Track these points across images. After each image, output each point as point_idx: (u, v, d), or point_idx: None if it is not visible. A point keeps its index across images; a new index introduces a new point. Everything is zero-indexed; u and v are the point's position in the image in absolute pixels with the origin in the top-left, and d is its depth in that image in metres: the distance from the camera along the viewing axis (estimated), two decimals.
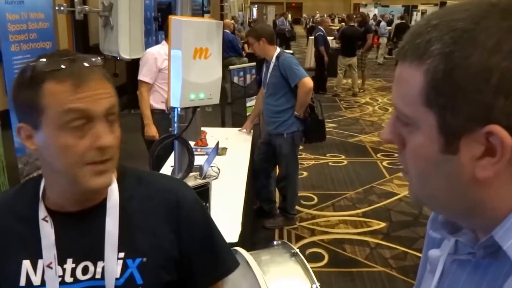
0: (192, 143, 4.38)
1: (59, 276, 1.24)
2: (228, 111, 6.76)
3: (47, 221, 1.24)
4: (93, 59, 1.19)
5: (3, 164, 4.38)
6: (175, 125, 2.31)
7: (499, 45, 0.67)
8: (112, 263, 1.25)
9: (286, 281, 2.37)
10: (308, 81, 4.77)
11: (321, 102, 5.30)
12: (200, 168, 3.58)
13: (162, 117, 4.56)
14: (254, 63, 6.68)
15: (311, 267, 2.34)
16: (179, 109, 2.24)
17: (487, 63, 0.67)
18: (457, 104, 0.69)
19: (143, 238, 1.30)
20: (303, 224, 5.35)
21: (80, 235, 1.26)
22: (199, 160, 3.82)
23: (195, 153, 4.21)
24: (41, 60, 1.16)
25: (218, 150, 4.35)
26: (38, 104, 1.13)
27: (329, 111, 11.04)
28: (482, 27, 0.68)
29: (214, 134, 4.86)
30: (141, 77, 4.88)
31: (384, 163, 7.40)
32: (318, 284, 2.29)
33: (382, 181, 6.65)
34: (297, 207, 5.52)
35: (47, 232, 1.24)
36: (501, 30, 0.68)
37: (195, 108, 2.25)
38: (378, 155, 7.89)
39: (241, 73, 6.49)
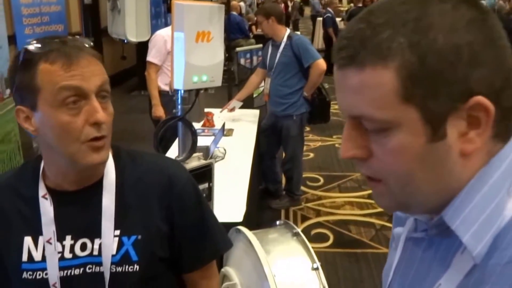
0: (199, 125, 4.44)
1: (59, 252, 1.29)
2: (235, 92, 6.76)
3: (46, 199, 1.29)
4: (83, 40, 1.24)
5: (18, 144, 4.46)
6: (179, 107, 2.35)
7: (454, 23, 0.70)
8: (109, 240, 1.29)
9: (287, 260, 2.41)
10: (322, 63, 4.78)
11: (329, 84, 5.32)
12: (206, 149, 3.61)
13: (169, 98, 4.61)
14: (260, 45, 6.69)
15: (316, 248, 2.37)
16: (182, 91, 2.27)
17: (454, 41, 0.69)
18: (437, 89, 0.70)
19: (138, 216, 1.34)
20: (309, 205, 5.40)
21: (78, 213, 1.31)
22: (205, 141, 3.86)
23: (202, 134, 4.27)
24: (33, 43, 1.20)
25: (225, 131, 4.40)
26: (34, 85, 1.18)
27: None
28: (431, 12, 0.70)
29: (221, 115, 4.90)
30: (149, 58, 4.91)
31: None
32: (319, 263, 2.33)
33: None
34: (303, 188, 5.57)
35: (46, 209, 1.29)
36: (448, 11, 0.70)
37: (198, 90, 2.28)
38: None
39: (248, 55, 6.51)
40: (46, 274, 1.29)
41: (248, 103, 5.56)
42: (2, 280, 1.34)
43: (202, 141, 3.87)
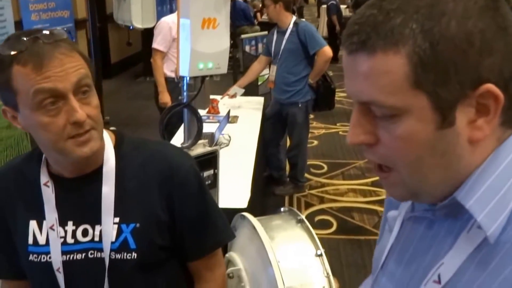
0: (204, 111, 4.45)
1: (61, 237, 1.31)
2: (239, 80, 6.79)
3: (48, 186, 1.32)
4: (56, 34, 1.19)
5: None
6: (184, 93, 2.36)
7: (467, 10, 0.70)
8: (108, 227, 1.31)
9: (292, 246, 2.42)
10: (329, 50, 4.78)
11: (333, 71, 5.31)
12: (211, 136, 3.63)
13: (175, 85, 4.62)
14: (266, 32, 6.67)
15: (320, 234, 2.38)
16: (188, 78, 2.28)
17: (466, 29, 0.69)
18: (448, 76, 0.70)
19: (137, 204, 1.34)
20: (313, 191, 5.43)
21: (79, 199, 1.33)
22: (211, 128, 3.88)
23: (207, 121, 4.28)
24: (5, 43, 1.18)
25: (230, 118, 4.41)
26: (11, 87, 1.16)
27: (341, 80, 10.86)
28: None
29: (226, 103, 4.92)
30: (155, 45, 4.92)
31: None
32: (322, 250, 2.35)
33: None
34: (306, 175, 5.60)
35: (48, 197, 1.32)
36: None
37: (203, 77, 2.29)
38: None
39: (253, 42, 6.50)
40: (50, 257, 1.32)
41: (252, 91, 5.57)
42: (16, 259, 1.38)
43: (207, 128, 3.89)
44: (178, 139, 3.47)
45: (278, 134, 5.32)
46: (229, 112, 4.32)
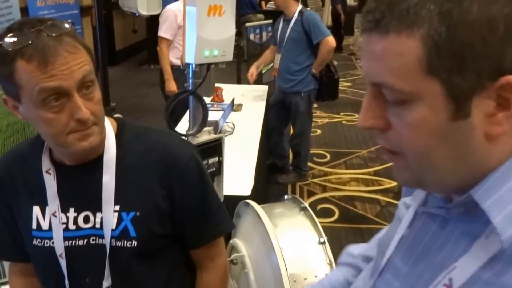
0: (208, 99, 4.47)
1: (63, 223, 1.33)
2: (244, 68, 6.77)
3: (50, 174, 1.33)
4: (60, 26, 1.16)
5: None
6: (190, 81, 2.36)
7: None
8: (109, 214, 1.32)
9: (295, 234, 2.44)
10: (332, 40, 4.78)
11: (337, 61, 5.30)
12: (215, 123, 3.64)
13: (181, 72, 4.63)
14: (270, 21, 6.67)
15: (322, 222, 2.39)
16: (193, 66, 2.29)
17: (489, 13, 0.63)
18: (465, 63, 0.65)
19: (137, 192, 1.35)
20: (315, 180, 5.45)
21: (80, 186, 1.34)
22: (215, 116, 3.89)
23: (211, 109, 4.30)
24: (8, 35, 1.14)
25: (234, 106, 4.42)
26: (14, 80, 1.15)
27: (345, 69, 10.98)
28: None
29: (230, 91, 4.93)
30: (161, 33, 4.92)
31: None
32: (325, 238, 2.37)
33: None
34: (309, 164, 5.62)
35: (50, 184, 1.33)
36: None
37: (209, 64, 2.29)
38: None
39: (257, 30, 6.50)
40: (53, 243, 1.34)
41: (257, 79, 5.57)
42: (22, 242, 1.40)
43: (211, 115, 3.89)
44: (183, 127, 3.49)
45: (281, 122, 5.33)
46: (233, 100, 4.32)
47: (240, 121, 4.09)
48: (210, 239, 1.52)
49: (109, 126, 1.36)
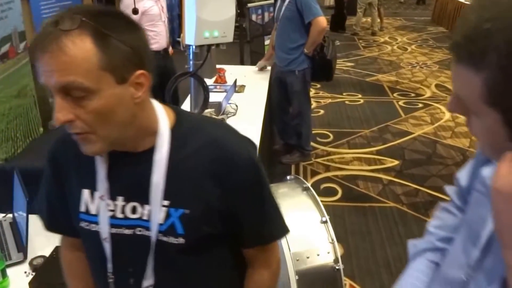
0: (210, 81, 4.48)
1: (111, 210, 1.31)
2: (246, 49, 6.78)
3: (101, 156, 1.30)
4: (69, 23, 1.06)
5: (34, 98, 4.51)
6: (191, 62, 2.37)
7: None
8: (156, 208, 1.28)
9: (297, 213, 2.47)
10: (322, 20, 4.76)
11: (340, 41, 5.27)
12: (218, 105, 3.66)
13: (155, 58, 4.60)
14: (272, 1, 6.65)
15: (325, 201, 2.40)
16: (193, 47, 2.29)
17: None
18: None
19: (188, 189, 1.29)
20: (319, 160, 5.48)
21: (129, 175, 1.31)
22: (217, 97, 3.91)
23: (214, 90, 4.31)
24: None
25: (236, 87, 4.43)
26: None
27: (347, 50, 10.98)
28: None
29: (233, 72, 4.93)
30: None
31: (400, 103, 7.43)
32: (327, 217, 2.39)
33: (397, 120, 6.71)
34: (313, 144, 5.64)
35: (100, 166, 1.31)
36: None
37: (209, 46, 2.30)
38: (395, 94, 7.91)
39: (259, 11, 6.49)
40: (99, 228, 1.33)
41: (259, 60, 5.58)
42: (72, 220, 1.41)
43: (214, 97, 3.92)
44: (185, 109, 3.51)
45: (282, 98, 5.31)
46: (235, 81, 4.33)
47: (243, 102, 4.10)
48: (264, 243, 1.47)
49: (164, 120, 1.29)
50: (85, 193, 1.34)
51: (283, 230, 1.49)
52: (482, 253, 0.95)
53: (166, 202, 1.27)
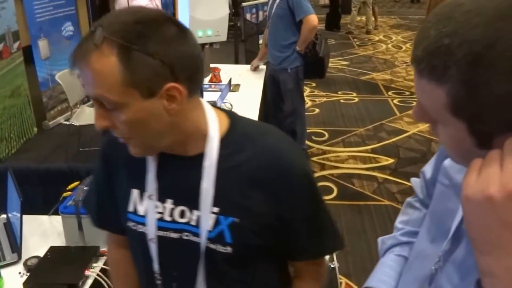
0: (205, 80, 4.47)
1: (159, 213, 1.30)
2: (241, 48, 6.78)
3: (152, 156, 1.29)
4: (97, 37, 1.06)
5: (28, 98, 4.51)
6: None
7: None
8: (206, 215, 1.26)
9: None
10: (313, 19, 4.74)
11: (335, 40, 5.26)
12: (213, 104, 3.65)
13: None
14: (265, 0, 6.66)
15: None
16: None
17: (508, 87, 0.68)
18: (483, 117, 0.72)
19: (240, 198, 1.26)
20: (314, 158, 5.47)
21: (179, 179, 1.29)
22: (212, 96, 3.90)
23: (208, 89, 4.31)
24: None
25: (231, 87, 4.43)
26: None
27: (342, 48, 10.99)
28: (498, 50, 0.67)
29: (227, 71, 4.92)
30: None
31: (395, 101, 7.44)
32: None
33: (392, 118, 6.71)
34: (308, 143, 5.64)
35: (151, 166, 1.30)
36: None
37: (203, 45, 2.30)
38: (390, 93, 7.92)
39: (254, 10, 6.50)
40: (146, 229, 1.32)
41: (253, 59, 5.58)
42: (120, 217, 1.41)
43: (208, 96, 3.93)
44: None
45: (276, 96, 5.27)
46: (230, 80, 4.33)
47: (238, 101, 4.10)
48: (315, 257, 1.44)
49: (215, 126, 1.26)
50: (134, 193, 1.33)
51: (336, 243, 1.44)
52: (452, 245, 0.96)
53: (215, 209, 1.25)
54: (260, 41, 6.36)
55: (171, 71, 1.09)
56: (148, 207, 1.31)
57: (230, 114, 1.33)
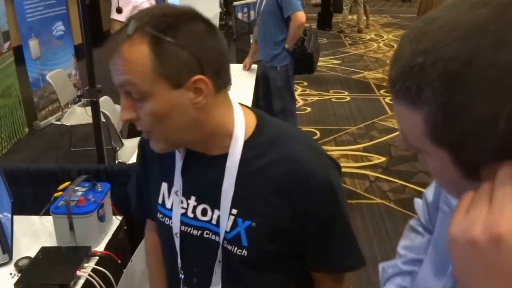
0: None
1: (183, 208, 1.32)
2: (233, 47, 6.79)
3: (179, 152, 1.32)
4: (130, 28, 1.10)
5: (19, 98, 4.49)
6: None
7: (497, 87, 0.59)
8: (225, 216, 1.26)
9: None
10: (301, 16, 4.72)
11: (327, 39, 5.26)
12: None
13: None
14: None
15: None
16: None
17: (490, 109, 0.60)
18: (466, 144, 0.63)
19: (258, 202, 1.24)
20: None
21: (203, 176, 1.30)
22: None
23: None
24: None
25: None
26: None
27: (334, 47, 11.02)
28: (476, 68, 0.59)
29: None
30: (114, 16, 4.54)
31: (387, 100, 7.45)
32: None
33: (384, 117, 6.73)
34: None
35: (178, 162, 1.32)
36: (497, 69, 0.59)
37: None
38: (381, 91, 7.94)
39: (245, 9, 6.50)
40: (172, 223, 1.35)
41: (245, 58, 5.58)
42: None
43: None
44: None
45: (269, 93, 5.25)
46: None
47: None
48: (333, 271, 1.39)
49: (241, 127, 1.25)
50: (164, 186, 1.37)
51: (357, 262, 1.37)
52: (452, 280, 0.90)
53: (234, 211, 1.25)
54: (252, 40, 6.36)
55: (199, 64, 1.11)
56: (173, 202, 1.34)
57: (258, 114, 1.33)
